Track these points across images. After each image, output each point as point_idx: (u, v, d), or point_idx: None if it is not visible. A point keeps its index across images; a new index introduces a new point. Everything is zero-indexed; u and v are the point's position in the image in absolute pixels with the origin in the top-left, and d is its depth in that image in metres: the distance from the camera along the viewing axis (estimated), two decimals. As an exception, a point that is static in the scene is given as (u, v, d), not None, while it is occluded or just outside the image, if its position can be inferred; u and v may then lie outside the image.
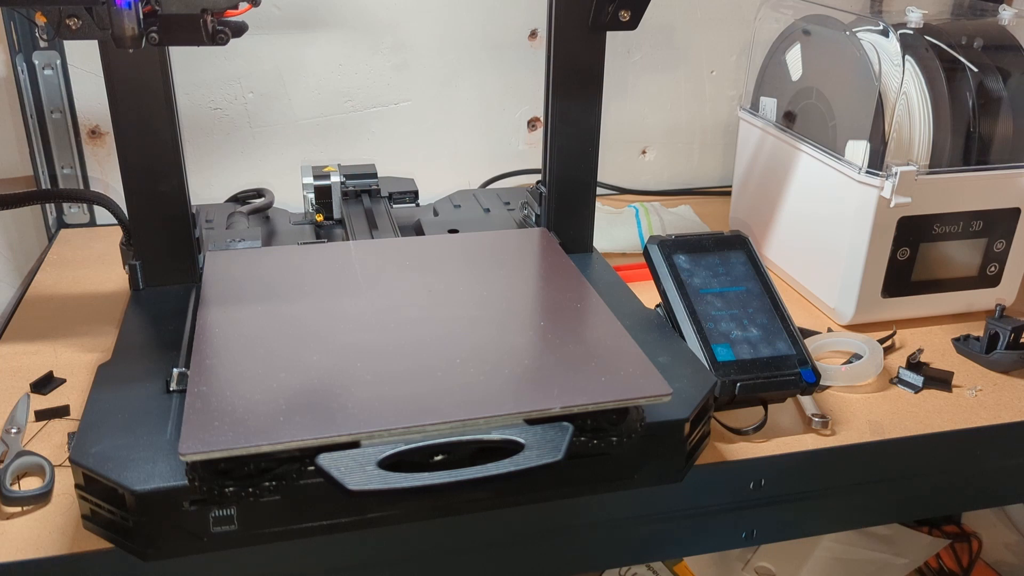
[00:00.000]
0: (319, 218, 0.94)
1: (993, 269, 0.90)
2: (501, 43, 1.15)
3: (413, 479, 0.50)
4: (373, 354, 0.61)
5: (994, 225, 0.88)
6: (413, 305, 0.69)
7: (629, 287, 0.81)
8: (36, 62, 1.02)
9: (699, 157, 1.30)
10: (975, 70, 0.86)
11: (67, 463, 0.57)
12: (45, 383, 0.75)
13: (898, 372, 0.81)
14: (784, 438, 0.72)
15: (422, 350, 0.62)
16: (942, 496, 0.79)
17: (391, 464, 0.51)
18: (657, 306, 0.77)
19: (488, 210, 0.98)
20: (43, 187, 1.06)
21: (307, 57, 1.10)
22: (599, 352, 0.62)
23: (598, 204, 0.88)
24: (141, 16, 0.59)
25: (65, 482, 0.62)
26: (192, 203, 0.77)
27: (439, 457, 0.53)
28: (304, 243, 0.84)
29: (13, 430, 0.68)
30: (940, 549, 1.24)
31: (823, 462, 0.72)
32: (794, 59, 0.97)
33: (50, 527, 0.59)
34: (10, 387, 0.74)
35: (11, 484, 0.62)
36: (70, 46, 1.02)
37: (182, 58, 0.60)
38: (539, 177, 0.89)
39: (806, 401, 0.75)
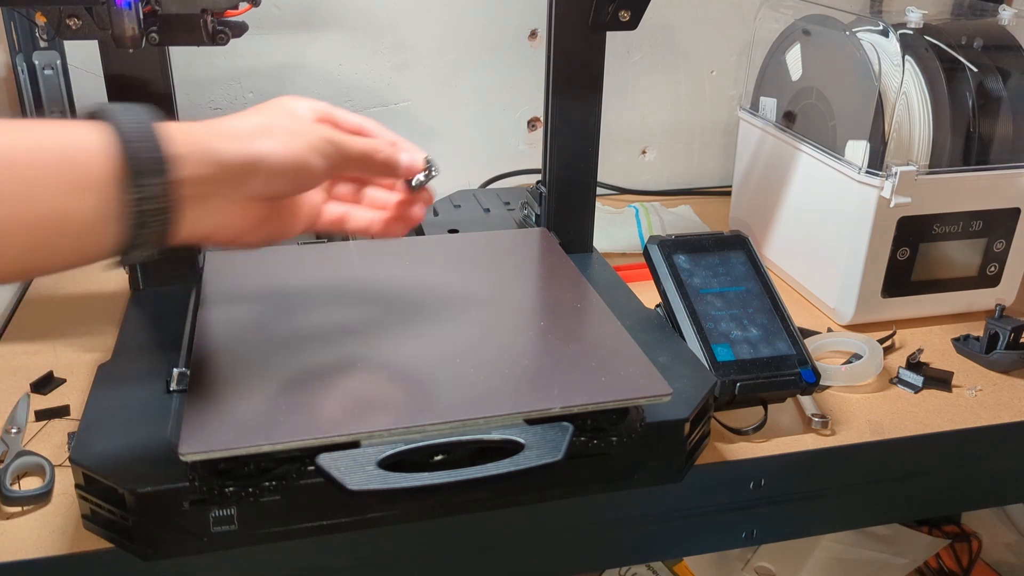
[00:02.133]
0: (319, 218, 0.93)
1: (993, 269, 0.90)
2: (501, 43, 1.15)
3: (413, 479, 0.50)
4: (373, 354, 0.61)
5: (994, 225, 0.88)
6: (413, 305, 0.69)
7: (629, 287, 0.81)
8: (36, 62, 1.01)
9: (699, 157, 1.30)
10: (975, 70, 0.86)
11: (67, 463, 0.57)
12: (45, 383, 0.75)
13: (898, 372, 0.81)
14: (784, 438, 0.72)
15: (422, 350, 0.62)
16: (942, 496, 0.79)
17: (391, 464, 0.51)
18: (657, 306, 0.77)
19: (488, 210, 0.98)
20: (43, 187, 1.06)
21: (307, 57, 1.10)
22: (599, 352, 0.62)
23: (598, 204, 0.88)
24: (141, 16, 0.59)
25: (65, 482, 0.62)
26: (192, 203, 0.77)
27: (439, 457, 0.53)
28: (304, 243, 0.84)
29: (13, 430, 0.68)
30: (940, 549, 1.24)
31: (823, 462, 0.72)
32: (794, 59, 0.97)
33: (50, 527, 0.59)
34: (10, 387, 0.74)
35: (11, 484, 0.62)
36: (70, 46, 1.02)
37: (182, 58, 0.60)
38: (539, 177, 0.89)
39: (806, 401, 0.75)
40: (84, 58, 1.02)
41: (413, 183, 0.58)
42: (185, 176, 0.44)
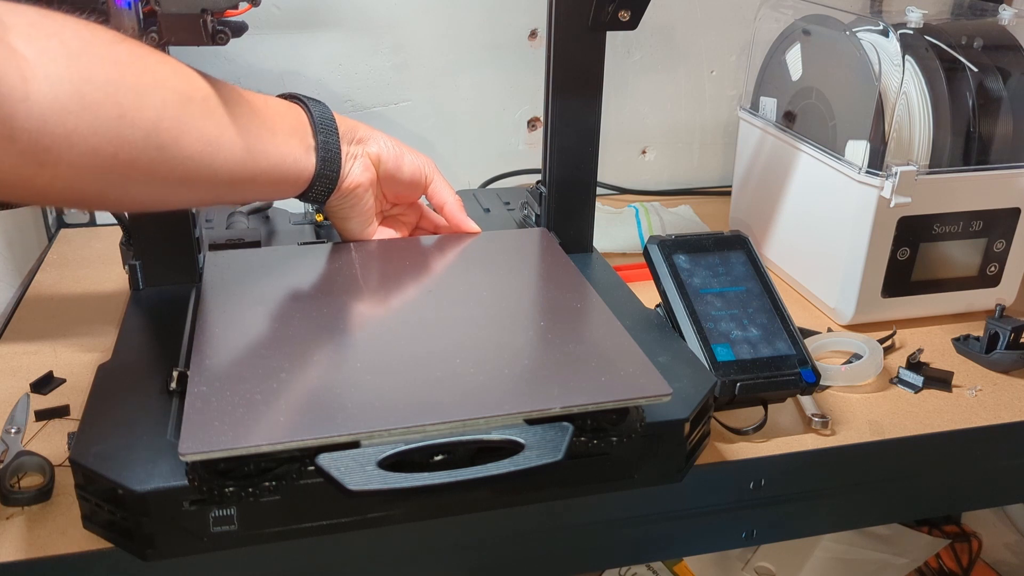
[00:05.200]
0: (319, 218, 0.93)
1: (993, 269, 0.90)
2: (501, 43, 1.15)
3: (413, 479, 0.50)
4: (373, 354, 0.61)
5: (994, 225, 0.88)
6: (413, 305, 0.69)
7: (629, 287, 0.81)
8: (36, 62, 1.01)
9: (699, 157, 1.30)
10: (975, 70, 0.86)
11: (67, 463, 0.57)
12: (45, 383, 0.75)
13: (898, 372, 0.81)
14: (784, 438, 0.72)
15: (422, 350, 0.62)
16: (942, 496, 0.79)
17: (391, 464, 0.51)
18: (657, 306, 0.77)
19: (488, 210, 0.98)
20: (43, 187, 1.06)
21: (307, 57, 1.10)
22: (599, 352, 0.62)
23: (598, 204, 0.88)
24: (141, 16, 0.59)
25: (65, 482, 0.62)
26: (192, 203, 0.77)
27: (439, 457, 0.53)
28: (304, 243, 0.84)
29: (13, 430, 0.68)
30: (940, 549, 1.24)
31: (823, 462, 0.72)
32: (794, 59, 0.97)
33: (50, 527, 0.59)
34: (10, 387, 0.74)
35: (11, 484, 0.62)
36: (70, 46, 1.01)
37: (182, 58, 0.60)
38: (539, 177, 0.89)
39: (806, 401, 0.75)
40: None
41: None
42: (343, 130, 0.71)
